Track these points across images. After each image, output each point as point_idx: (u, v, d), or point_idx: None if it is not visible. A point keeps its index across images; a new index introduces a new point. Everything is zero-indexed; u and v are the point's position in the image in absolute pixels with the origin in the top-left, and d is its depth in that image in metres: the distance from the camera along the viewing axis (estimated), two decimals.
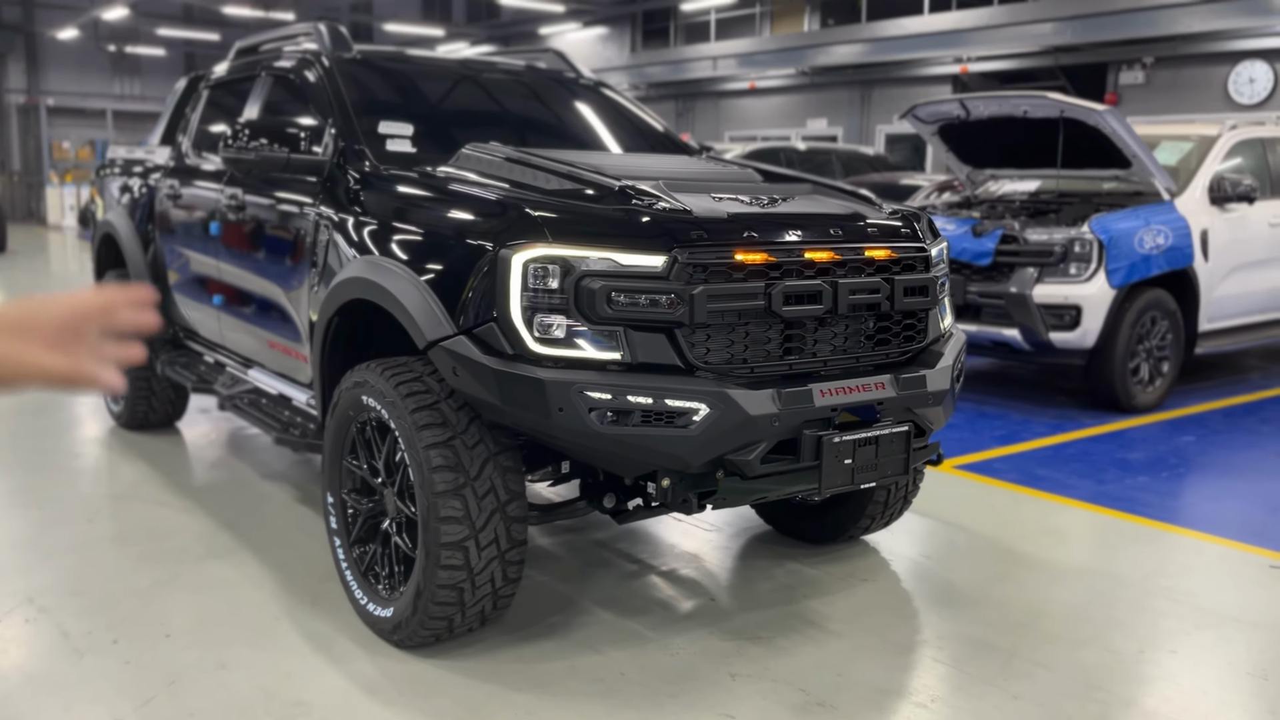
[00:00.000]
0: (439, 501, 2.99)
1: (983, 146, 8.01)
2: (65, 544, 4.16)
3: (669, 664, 3.25)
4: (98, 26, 23.20)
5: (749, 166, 4.04)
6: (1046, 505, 4.96)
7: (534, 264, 2.87)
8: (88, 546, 4.14)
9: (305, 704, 2.96)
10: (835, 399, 3.09)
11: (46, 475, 5.08)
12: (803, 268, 3.11)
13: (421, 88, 4.50)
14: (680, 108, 21.20)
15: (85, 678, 3.08)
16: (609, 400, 2.84)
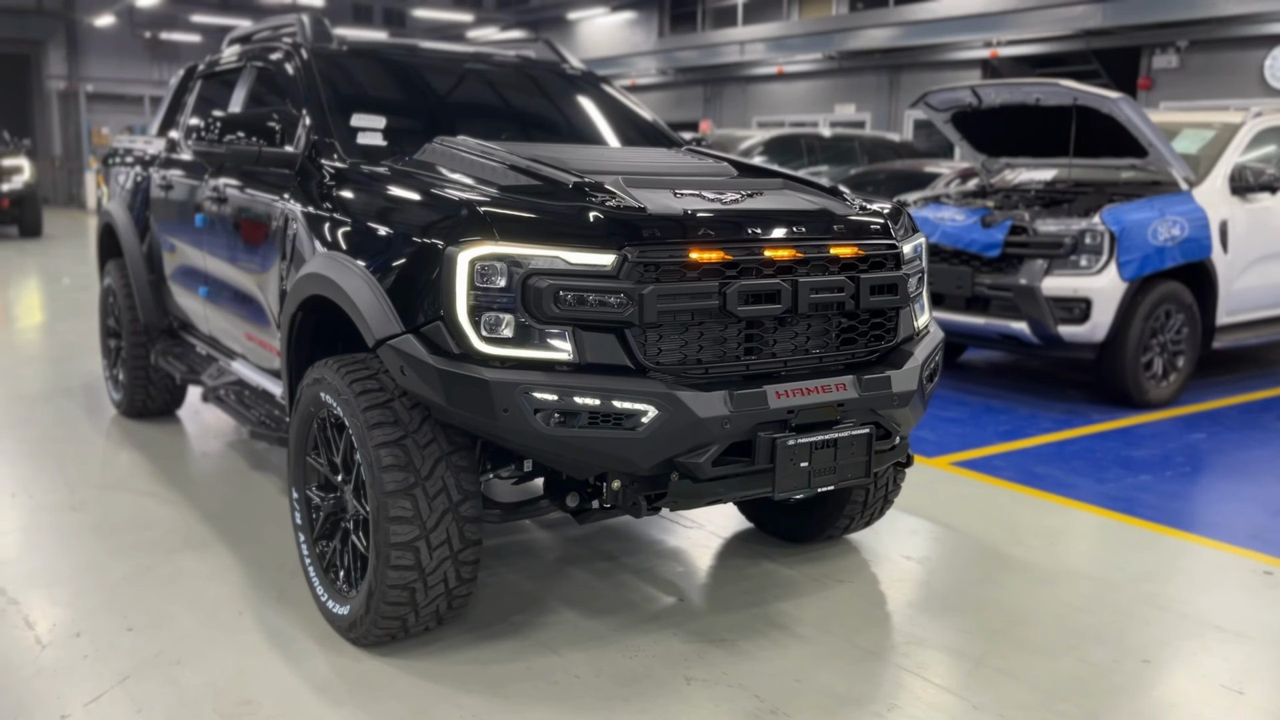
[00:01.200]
0: (389, 501, 2.96)
1: (998, 134, 7.85)
2: (47, 534, 4.20)
3: (626, 666, 3.21)
4: (133, 14, 23.42)
5: (725, 160, 3.97)
6: (1041, 505, 4.85)
7: (480, 262, 2.83)
8: (68, 537, 4.17)
9: (253, 703, 2.95)
10: (792, 400, 3.02)
11: (41, 462, 5.13)
12: (761, 266, 3.03)
13: (404, 79, 4.46)
14: (708, 93, 21.02)
15: (41, 671, 3.10)
16: (555, 401, 2.80)
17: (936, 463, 5.50)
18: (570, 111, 4.66)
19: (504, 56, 4.81)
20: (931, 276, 7.11)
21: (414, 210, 3.09)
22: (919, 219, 7.25)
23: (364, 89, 4.26)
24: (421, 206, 3.08)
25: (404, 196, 3.20)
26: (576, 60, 5.08)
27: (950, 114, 7.70)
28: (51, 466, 5.08)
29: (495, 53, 4.86)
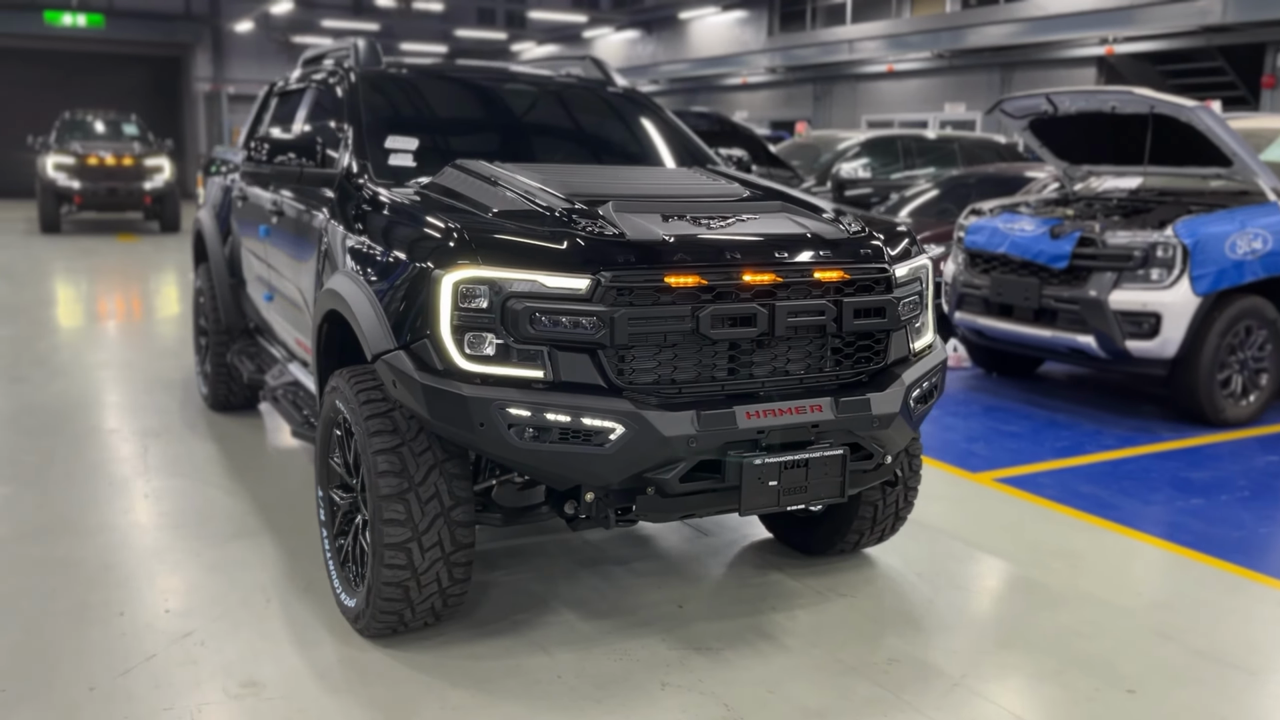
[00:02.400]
0: (383, 504, 3.19)
1: (1079, 142, 7.65)
2: (115, 520, 4.59)
3: (609, 669, 3.36)
4: (269, 19, 24.63)
5: (738, 180, 4.06)
6: (1075, 526, 4.78)
7: (463, 284, 3.02)
8: (132, 524, 4.55)
9: (258, 684, 3.22)
10: (763, 421, 3.12)
11: (124, 452, 5.58)
12: (738, 290, 3.14)
13: (446, 101, 4.70)
14: (817, 91, 20.86)
15: (81, 647, 3.44)
16: (527, 417, 2.97)
17: (979, 478, 5.46)
18: (602, 130, 4.82)
19: (546, 77, 5.00)
20: (999, 287, 7.03)
21: (411, 233, 3.31)
22: (988, 228, 7.17)
23: (404, 111, 4.50)
24: (417, 230, 3.29)
25: (405, 220, 3.42)
26: (620, 78, 5.23)
27: (1028, 121, 7.56)
28: (134, 454, 5.52)
29: (539, 73, 5.05)
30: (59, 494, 4.90)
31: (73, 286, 12.11)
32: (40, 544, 4.28)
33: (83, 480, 5.12)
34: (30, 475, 5.16)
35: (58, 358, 7.95)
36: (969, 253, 7.38)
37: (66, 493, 4.92)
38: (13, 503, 4.76)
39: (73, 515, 4.62)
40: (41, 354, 8.07)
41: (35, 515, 4.61)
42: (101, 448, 5.65)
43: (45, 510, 4.68)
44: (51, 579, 3.94)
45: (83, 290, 11.85)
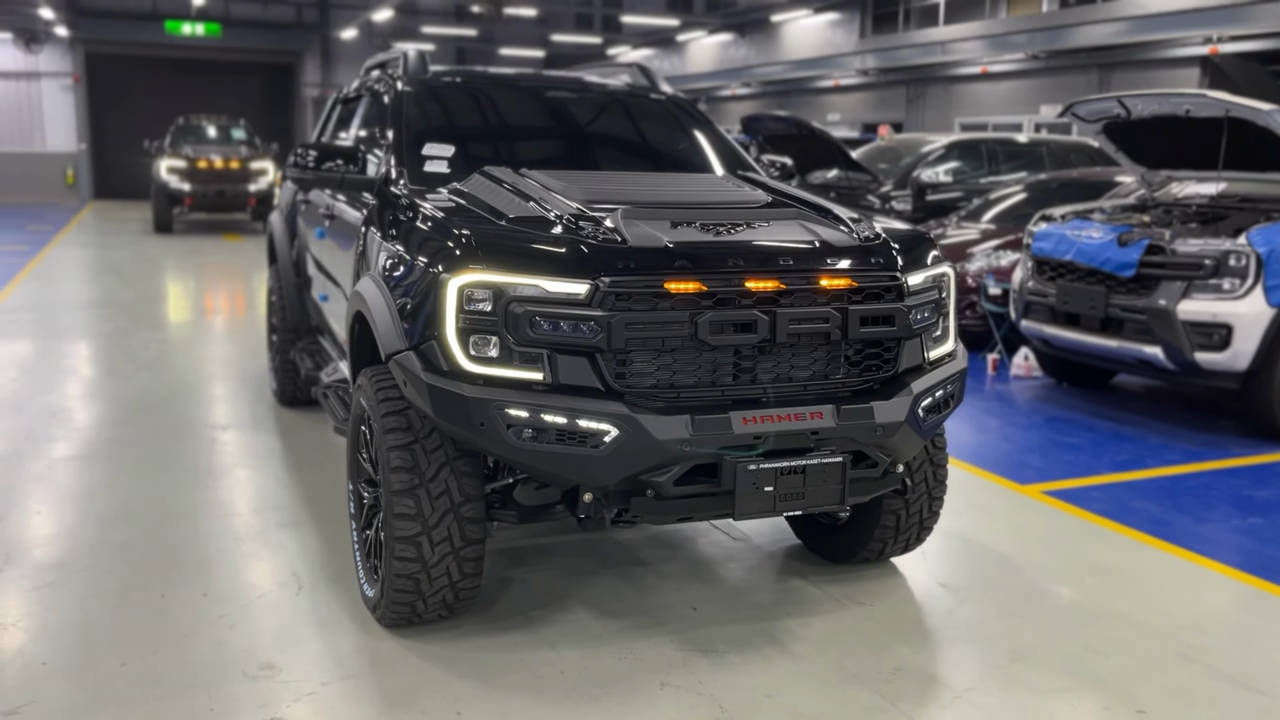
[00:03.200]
0: (395, 499, 3.31)
1: (1157, 146, 7.41)
2: (170, 508, 4.84)
3: (612, 668, 3.42)
4: (371, 27, 25.36)
5: (764, 187, 4.08)
6: (1118, 542, 4.66)
7: (468, 288, 3.12)
8: (185, 512, 4.79)
9: (275, 667, 3.38)
10: (760, 427, 3.14)
11: (191, 444, 5.86)
12: (740, 297, 3.17)
13: (487, 110, 4.82)
14: (910, 93, 20.53)
15: (120, 625, 3.65)
16: (525, 418, 3.05)
17: (1027, 490, 5.35)
18: (640, 137, 4.88)
19: (589, 84, 5.09)
20: (1065, 295, 6.87)
21: (424, 238, 3.43)
22: (1055, 235, 7.00)
23: (445, 120, 4.63)
24: (430, 235, 3.41)
25: (422, 225, 3.54)
26: (666, 85, 5.29)
27: (1101, 125, 7.35)
28: (201, 446, 5.80)
29: (582, 80, 5.14)
30: (123, 482, 5.19)
31: (175, 284, 12.69)
32: (98, 528, 4.54)
33: (148, 469, 5.40)
34: (98, 464, 5.46)
35: (149, 352, 8.37)
36: (1036, 259, 7.22)
37: (130, 481, 5.20)
38: (78, 489, 5.06)
39: (132, 502, 4.89)
40: (135, 348, 8.50)
41: (97, 502, 4.88)
42: (172, 439, 5.95)
43: (108, 497, 4.95)
44: (104, 561, 4.18)
45: (184, 288, 12.42)
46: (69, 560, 4.19)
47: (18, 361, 7.86)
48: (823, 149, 11.56)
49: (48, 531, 4.49)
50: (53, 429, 6.06)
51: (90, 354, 8.29)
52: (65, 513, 4.72)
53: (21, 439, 5.84)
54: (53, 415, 6.36)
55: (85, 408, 6.59)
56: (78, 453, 5.62)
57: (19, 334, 8.97)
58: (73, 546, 4.33)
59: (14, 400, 6.72)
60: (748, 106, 26.02)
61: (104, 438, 5.92)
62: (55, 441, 5.81)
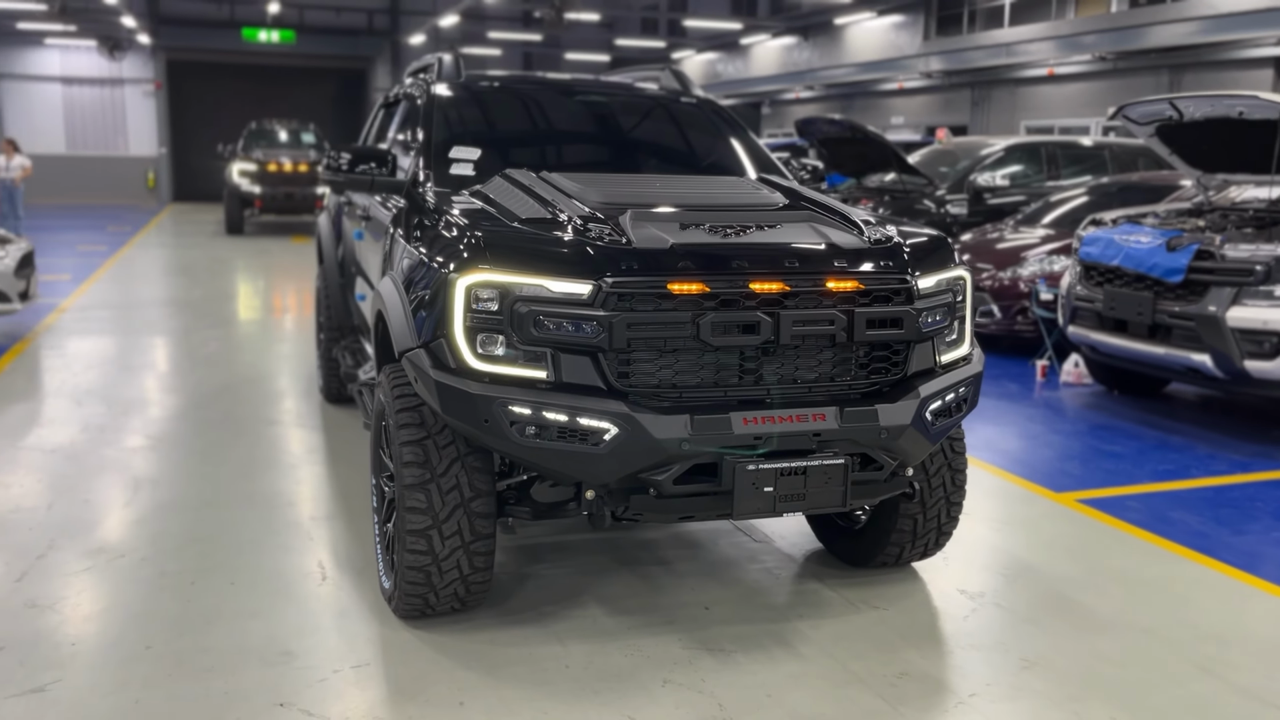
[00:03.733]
0: (406, 493, 3.40)
1: (1212, 149, 7.23)
2: (211, 500, 5.00)
3: (616, 664, 3.46)
4: (438, 32, 25.77)
5: (783, 190, 4.09)
6: (1149, 552, 4.57)
7: (476, 288, 3.19)
8: (225, 504, 4.95)
9: (292, 654, 3.48)
10: (760, 428, 3.16)
11: (238, 438, 6.03)
12: (743, 298, 3.19)
13: (517, 113, 4.91)
14: (975, 96, 20.21)
15: (148, 611, 3.79)
16: (528, 415, 3.11)
17: (1061, 498, 5.27)
18: (667, 140, 4.92)
19: (621, 88, 5.14)
20: (1112, 301, 6.74)
21: (438, 238, 3.51)
22: (1103, 240, 6.87)
23: (475, 124, 4.73)
24: (443, 235, 3.49)
25: (438, 226, 3.62)
26: (698, 89, 5.32)
27: (1154, 127, 7.20)
28: (246, 441, 5.98)
29: (614, 84, 5.19)
30: (167, 474, 5.37)
31: (241, 284, 13.05)
32: (139, 517, 4.71)
33: (193, 463, 5.58)
34: (146, 457, 5.66)
35: (208, 349, 8.63)
36: (1084, 264, 7.10)
37: (174, 473, 5.39)
38: (125, 480, 5.25)
39: (174, 494, 5.06)
40: (195, 345, 8.78)
41: (141, 491, 5.06)
42: (220, 434, 6.13)
43: (152, 488, 5.13)
44: (142, 549, 4.35)
45: (249, 287, 12.76)
46: (108, 547, 4.36)
47: (81, 357, 8.17)
48: (877, 152, 11.48)
49: (92, 519, 4.68)
50: (107, 423, 6.29)
51: (151, 350, 8.57)
52: (110, 502, 4.91)
53: (77, 431, 6.08)
54: (108, 409, 6.60)
55: (140, 402, 6.82)
56: (128, 445, 5.83)
57: (86, 330, 9.31)
58: (114, 534, 4.50)
59: (73, 394, 6.99)
60: (811, 109, 25.86)
61: (155, 431, 6.13)
62: (108, 434, 6.03)
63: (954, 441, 4.01)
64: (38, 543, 4.38)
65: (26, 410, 6.58)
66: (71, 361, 8.00)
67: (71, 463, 5.49)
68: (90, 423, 6.26)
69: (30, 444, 5.82)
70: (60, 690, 3.22)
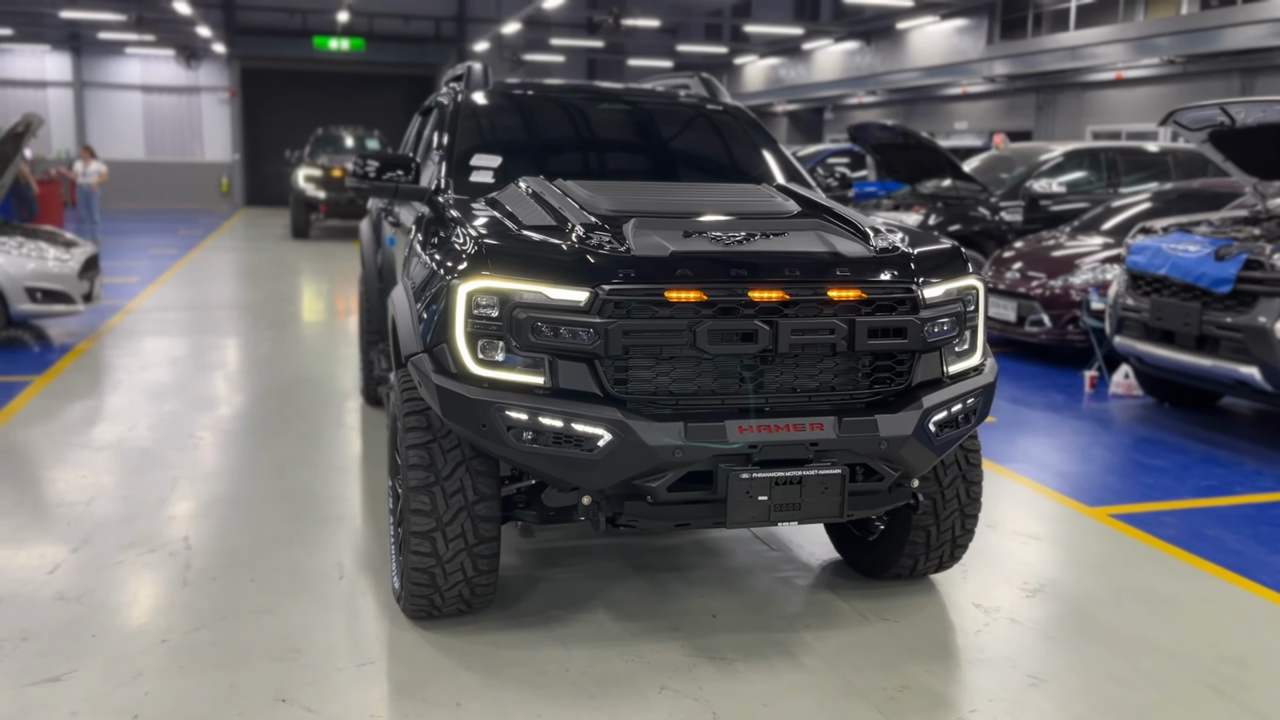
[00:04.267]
0: (411, 495, 3.45)
1: (1271, 155, 7.01)
2: (242, 499, 5.13)
3: (616, 669, 3.48)
4: (501, 39, 26.10)
5: (797, 197, 4.06)
6: (1178, 569, 4.45)
7: (477, 294, 3.23)
8: (257, 501, 5.07)
9: (299, 651, 3.56)
10: (755, 436, 3.15)
11: (276, 439, 6.17)
12: (741, 306, 3.19)
13: (546, 120, 4.96)
14: (1040, 100, 19.82)
15: (172, 604, 3.90)
16: (524, 420, 3.15)
17: (1093, 512, 5.16)
18: (688, 147, 4.93)
19: (647, 95, 5.16)
20: (1158, 311, 6.57)
21: (444, 244, 3.56)
22: (1150, 248, 6.71)
23: (495, 132, 4.79)
24: (449, 242, 3.54)
25: (447, 232, 3.67)
26: (728, 96, 5.31)
27: (1207, 133, 7.00)
28: (284, 443, 6.11)
29: (640, 92, 5.21)
30: (203, 473, 5.51)
31: (302, 287, 13.34)
32: (170, 516, 4.85)
33: (231, 462, 5.73)
34: (183, 456, 5.82)
35: (261, 351, 8.84)
36: (1130, 274, 6.94)
37: (209, 472, 5.53)
38: (161, 479, 5.40)
39: (206, 492, 5.20)
40: (249, 347, 9.00)
41: (178, 489, 5.21)
42: (261, 433, 6.29)
43: (190, 485, 5.28)
44: (171, 544, 4.47)
45: (309, 291, 13.04)
46: (139, 542, 4.49)
47: (138, 357, 8.42)
48: (930, 158, 11.35)
49: (128, 515, 4.82)
50: (155, 422, 6.48)
51: (207, 352, 8.80)
52: (148, 499, 5.06)
53: (125, 429, 6.28)
54: (158, 409, 6.80)
55: (190, 402, 7.01)
56: (172, 444, 6.00)
57: (146, 331, 9.60)
58: (146, 530, 4.64)
59: (126, 393, 7.21)
60: (874, 114, 25.61)
61: (200, 431, 6.30)
62: (155, 432, 6.22)
63: (969, 453, 3.95)
64: (74, 536, 4.53)
65: (79, 408, 6.81)
66: (128, 361, 8.26)
67: (116, 460, 5.67)
68: (138, 422, 6.45)
69: (80, 441, 6.02)
70: (76, 680, 3.33)
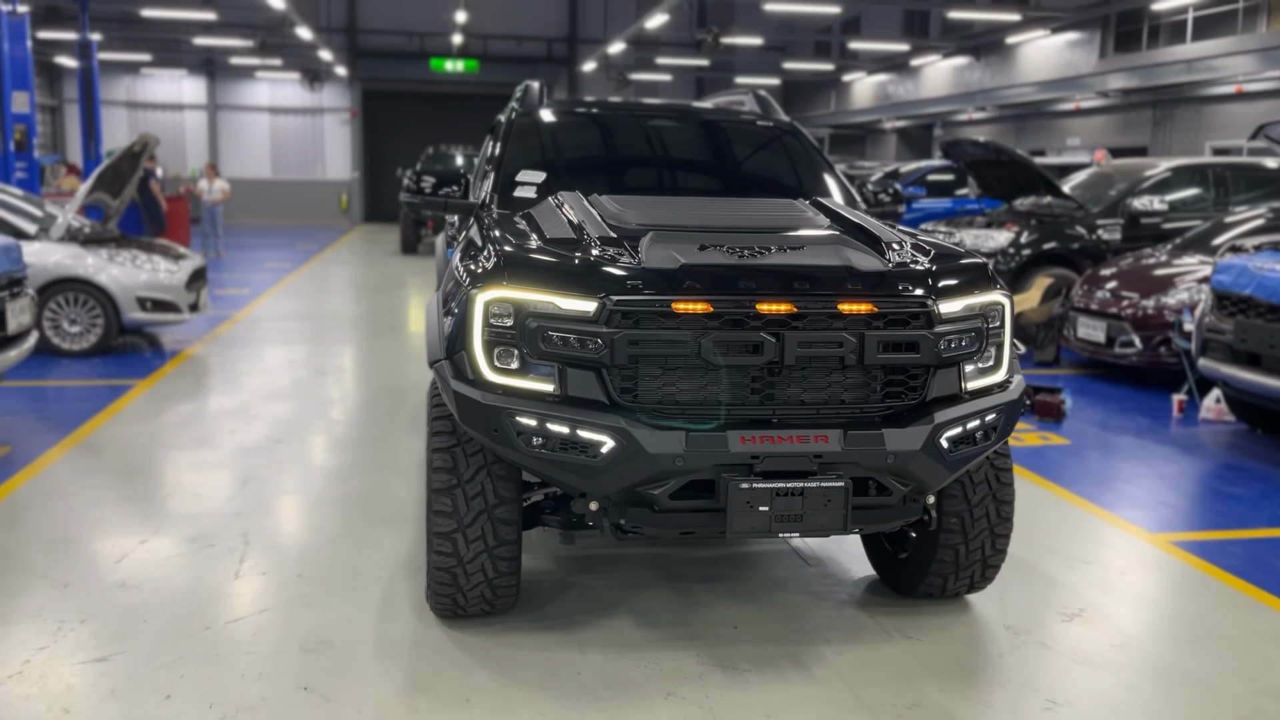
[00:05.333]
0: (434, 497, 3.59)
1: None
2: (312, 498, 5.36)
3: (627, 674, 3.53)
4: (607, 59, 26.48)
5: (826, 213, 4.06)
6: (1233, 599, 4.28)
7: (493, 304, 3.34)
8: (321, 503, 5.29)
9: (329, 643, 3.72)
10: (757, 447, 3.18)
11: (347, 444, 6.42)
12: (749, 318, 3.22)
13: (594, 137, 5.08)
14: (1157, 115, 19.07)
15: (220, 595, 4.12)
16: (534, 426, 3.24)
17: (1153, 538, 4.98)
18: (730, 162, 4.98)
19: (692, 112, 5.23)
20: (1242, 333, 6.31)
21: (471, 257, 3.69)
22: (1236, 268, 6.45)
23: (544, 149, 4.92)
24: (475, 254, 3.67)
25: (479, 244, 3.80)
26: (781, 113, 5.34)
27: None
28: (354, 446, 6.36)
29: (687, 108, 5.29)
30: (271, 475, 5.78)
31: (401, 300, 13.78)
32: (235, 513, 5.11)
33: (300, 464, 5.99)
34: (257, 459, 6.10)
35: (354, 361, 9.20)
36: (1216, 294, 6.67)
37: (278, 474, 5.80)
38: (232, 480, 5.69)
39: (273, 492, 5.46)
40: (343, 355, 9.37)
41: (248, 488, 5.48)
42: (335, 437, 6.56)
43: (260, 485, 5.54)
44: (230, 539, 4.72)
45: (410, 303, 13.46)
46: (202, 536, 4.75)
47: (237, 364, 8.86)
48: (1024, 175, 11.09)
49: (197, 511, 5.10)
50: (238, 425, 6.82)
51: (302, 360, 9.20)
52: (216, 496, 5.34)
53: (209, 430, 6.63)
54: (243, 412, 7.15)
55: (275, 406, 7.35)
56: (249, 445, 6.31)
57: (248, 340, 10.08)
58: (211, 526, 4.90)
59: (218, 397, 7.61)
60: (985, 131, 25.07)
61: (278, 434, 6.60)
62: (237, 435, 6.54)
63: (1000, 472, 3.89)
64: (145, 529, 4.82)
65: (171, 411, 7.21)
66: (226, 368, 8.70)
67: (195, 460, 5.99)
68: (221, 425, 6.80)
69: (167, 441, 6.38)
70: (120, 661, 3.55)
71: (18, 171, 16.39)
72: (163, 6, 22.13)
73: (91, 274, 8.99)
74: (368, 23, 30.76)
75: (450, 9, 27.45)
